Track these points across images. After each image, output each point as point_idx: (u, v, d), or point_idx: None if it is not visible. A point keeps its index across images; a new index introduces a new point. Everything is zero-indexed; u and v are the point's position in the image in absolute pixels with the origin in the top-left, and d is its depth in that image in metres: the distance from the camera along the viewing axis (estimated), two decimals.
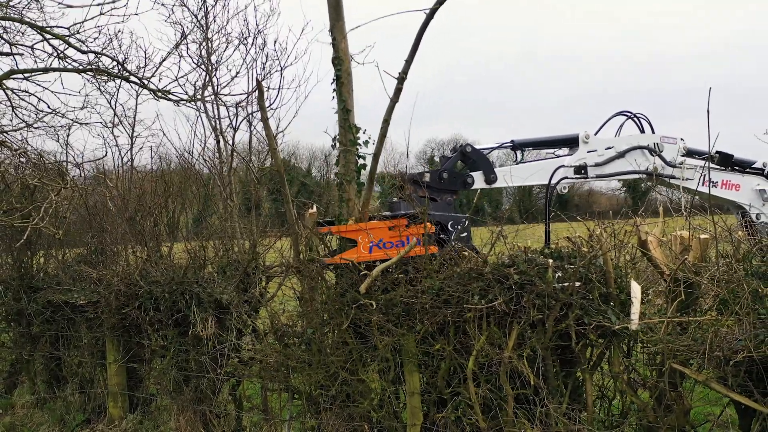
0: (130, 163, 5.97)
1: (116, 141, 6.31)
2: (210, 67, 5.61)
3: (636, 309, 3.46)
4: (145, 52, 7.60)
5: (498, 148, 5.47)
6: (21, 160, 6.07)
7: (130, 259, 5.68)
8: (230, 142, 5.37)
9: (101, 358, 5.74)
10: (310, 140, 50.71)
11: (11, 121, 9.03)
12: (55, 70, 8.51)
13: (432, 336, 3.94)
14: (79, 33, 8.28)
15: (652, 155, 5.48)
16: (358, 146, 4.49)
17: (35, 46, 8.61)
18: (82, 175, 5.90)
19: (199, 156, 5.60)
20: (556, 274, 3.62)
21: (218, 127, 5.38)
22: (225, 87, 5.62)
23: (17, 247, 5.77)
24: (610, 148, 5.41)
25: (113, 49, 7.80)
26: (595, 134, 5.49)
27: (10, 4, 8.55)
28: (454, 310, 3.76)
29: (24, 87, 9.11)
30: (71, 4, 7.49)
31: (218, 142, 5.46)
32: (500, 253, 4.01)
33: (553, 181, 5.13)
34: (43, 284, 5.85)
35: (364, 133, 4.52)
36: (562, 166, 5.21)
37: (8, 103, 9.02)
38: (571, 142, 5.42)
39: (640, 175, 5.48)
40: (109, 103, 6.39)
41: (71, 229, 6.00)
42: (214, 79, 5.57)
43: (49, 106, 8.88)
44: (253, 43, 5.56)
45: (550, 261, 3.66)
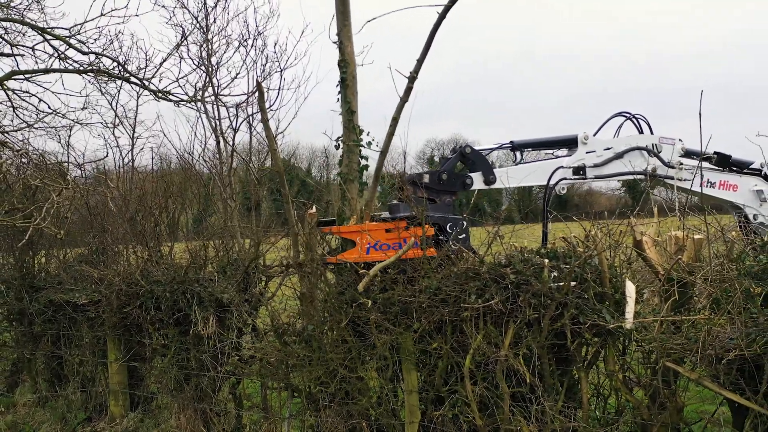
0: (131, 163, 6.02)
1: (117, 142, 6.36)
2: (210, 69, 5.67)
3: (630, 308, 3.51)
4: (146, 54, 7.67)
5: (497, 149, 5.52)
6: (22, 160, 6.11)
7: (131, 259, 5.73)
8: (230, 143, 5.42)
9: (102, 357, 5.79)
10: (309, 140, 50.79)
11: (12, 121, 9.09)
12: (56, 71, 8.56)
13: (429, 335, 3.99)
14: (79, 34, 8.35)
15: (651, 156, 5.53)
16: (361, 147, 4.57)
17: (36, 47, 8.68)
18: (84, 175, 5.93)
19: (200, 157, 5.65)
20: (552, 274, 3.66)
21: (218, 127, 5.43)
22: (225, 88, 5.68)
23: (19, 247, 5.82)
24: (608, 149, 5.46)
25: (114, 50, 7.86)
26: (594, 135, 5.54)
27: (11, 4, 8.61)
28: (452, 309, 3.80)
29: (25, 87, 9.14)
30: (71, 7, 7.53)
31: (218, 143, 5.51)
32: (497, 253, 4.06)
33: (552, 182, 5.18)
34: (45, 284, 5.90)
35: (368, 135, 4.63)
36: (561, 167, 5.26)
37: (9, 104, 9.09)
38: (570, 143, 5.47)
39: (639, 176, 5.53)
40: (110, 104, 6.44)
41: (72, 229, 6.05)
42: (215, 81, 5.62)
43: (50, 107, 8.93)
44: (252, 45, 5.62)
45: (546, 261, 3.70)
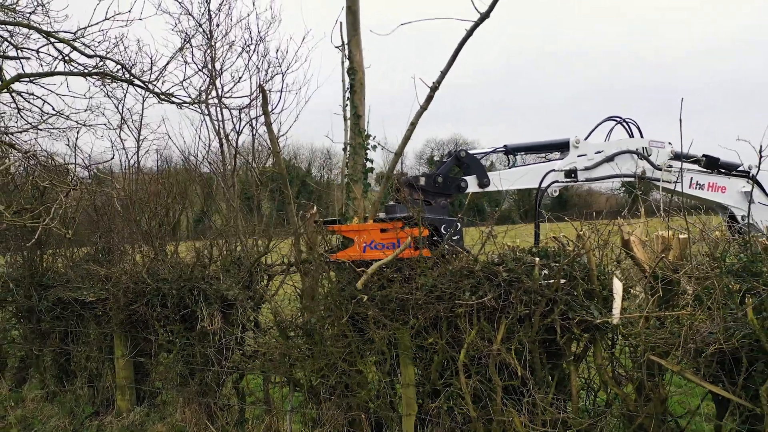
0: (136, 165, 6.18)
1: (123, 144, 6.52)
2: (214, 73, 5.83)
3: (617, 304, 3.67)
4: (151, 59, 7.84)
5: (491, 152, 5.68)
6: (30, 162, 6.28)
7: (137, 258, 5.89)
8: (233, 146, 5.59)
9: (109, 353, 5.96)
10: (309, 140, 50.98)
11: (17, 122, 9.27)
12: (62, 73, 8.73)
13: (425, 330, 4.15)
14: (84, 37, 8.53)
15: (640, 159, 5.68)
16: (367, 150, 4.78)
17: (40, 50, 8.86)
18: (90, 176, 6.09)
19: (204, 159, 5.82)
20: (543, 272, 3.83)
21: (222, 130, 5.60)
22: (228, 92, 5.84)
23: (28, 247, 5.98)
24: (599, 152, 5.60)
25: (119, 53, 8.03)
26: (586, 139, 5.69)
27: (17, 8, 8.78)
28: (447, 306, 3.97)
29: (29, 90, 9.32)
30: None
31: (222, 145, 5.68)
32: (491, 252, 4.23)
33: (544, 185, 5.33)
34: (53, 282, 6.07)
35: (373, 138, 4.85)
36: (553, 170, 5.41)
37: (14, 106, 9.26)
38: (562, 147, 5.61)
39: (629, 178, 5.68)
40: (117, 108, 6.59)
41: (79, 228, 6.21)
42: (218, 84, 5.78)
43: (54, 109, 9.11)
44: (255, 50, 5.78)
45: (537, 259, 3.87)
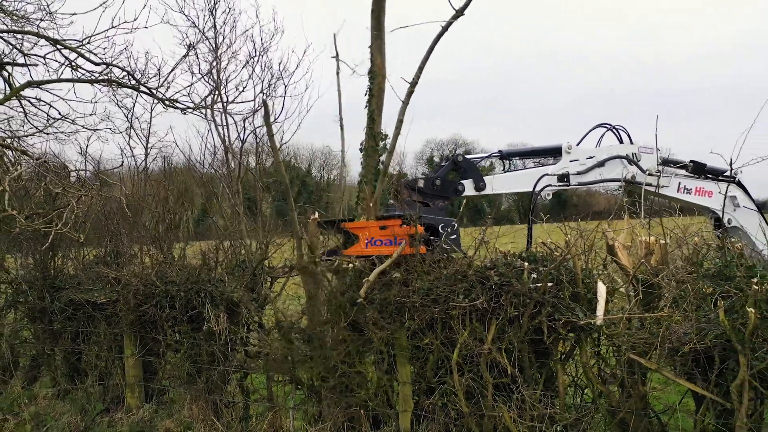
0: (144, 172, 6.41)
1: (132, 152, 6.77)
2: (219, 83, 6.07)
3: (601, 306, 3.91)
4: (159, 69, 8.09)
5: (487, 157, 5.91)
6: (41, 169, 6.51)
7: (145, 261, 6.14)
8: (238, 155, 5.82)
9: (119, 352, 6.21)
10: (309, 141, 51.28)
11: (23, 126, 9.51)
12: (70, 80, 8.96)
13: (422, 331, 4.39)
14: (89, 43, 8.78)
15: (630, 164, 5.92)
16: (380, 154, 4.95)
17: (47, 56, 9.11)
18: (100, 182, 6.33)
19: (209, 166, 6.05)
20: (531, 276, 4.07)
21: (227, 138, 5.83)
22: (232, 102, 6.08)
23: (42, 251, 6.23)
24: (591, 158, 5.83)
25: (125, 60, 8.26)
26: (577, 145, 5.93)
27: (29, 17, 9.03)
28: (441, 308, 4.20)
29: (36, 94, 9.55)
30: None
31: (227, 152, 5.91)
32: (485, 257, 4.47)
33: (537, 189, 5.57)
34: (65, 284, 6.32)
35: (385, 140, 4.99)
36: (546, 174, 5.64)
37: (21, 110, 9.50)
38: (555, 152, 5.85)
39: (618, 182, 5.92)
40: (126, 117, 6.84)
41: (89, 232, 6.46)
42: (223, 95, 6.02)
43: (59, 113, 9.36)
44: (258, 61, 6.02)
45: (526, 264, 4.11)
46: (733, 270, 3.69)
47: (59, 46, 8.80)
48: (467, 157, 5.54)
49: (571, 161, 5.74)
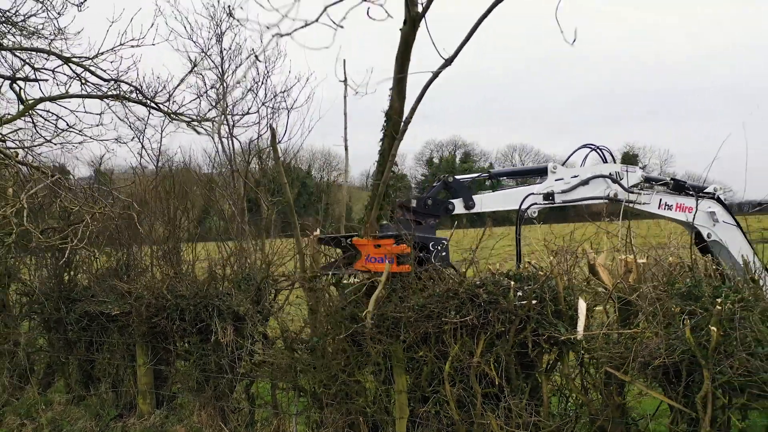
0: (155, 190, 6.74)
1: (143, 170, 7.10)
2: (226, 108, 6.41)
3: (581, 323, 4.24)
4: (165, 84, 8.45)
5: (476, 177, 6.24)
6: (56, 186, 6.84)
7: (156, 274, 6.48)
8: (243, 174, 6.15)
9: (131, 361, 6.54)
10: (310, 142, 51.68)
11: (32, 136, 9.87)
12: (80, 96, 9.32)
13: (416, 344, 4.72)
14: (98, 58, 9.14)
15: (613, 183, 6.25)
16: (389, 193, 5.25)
17: (56, 69, 9.46)
18: (113, 199, 6.67)
19: (217, 187, 6.39)
20: (517, 294, 4.40)
21: (232, 159, 6.16)
22: (237, 125, 6.43)
23: (60, 266, 6.57)
24: (575, 177, 6.17)
25: (133, 70, 8.61)
26: (563, 165, 6.26)
27: (41, 33, 9.38)
28: (435, 323, 4.53)
29: (46, 107, 9.89)
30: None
31: (233, 172, 6.25)
32: (474, 276, 4.82)
33: (524, 207, 5.90)
34: (80, 296, 6.66)
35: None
36: (532, 193, 5.98)
37: (31, 122, 9.85)
38: (541, 172, 6.19)
39: (602, 200, 6.25)
40: (138, 138, 7.19)
41: (103, 245, 6.80)
42: (229, 119, 6.36)
43: (67, 124, 9.72)
44: (262, 85, 6.35)
45: (512, 283, 4.44)
46: (701, 290, 4.03)
47: (71, 64, 9.17)
48: (457, 178, 5.87)
49: (556, 180, 6.05)
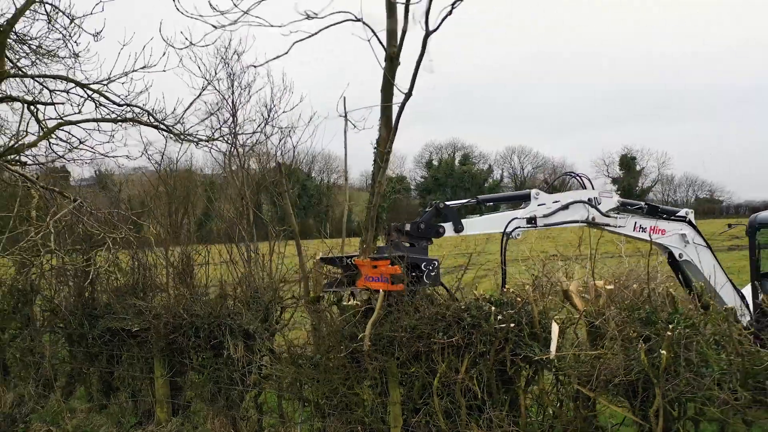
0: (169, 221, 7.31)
1: (159, 196, 7.67)
2: (236, 143, 6.99)
3: (554, 344, 4.80)
4: (174, 108, 9.02)
5: (465, 203, 6.80)
6: (77, 212, 7.41)
7: (170, 293, 7.05)
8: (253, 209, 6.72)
9: (149, 372, 7.12)
10: (309, 145, 52.10)
11: (45, 152, 10.47)
12: (96, 120, 9.91)
13: (409, 361, 5.29)
14: (110, 81, 9.73)
15: (592, 207, 6.81)
16: (381, 209, 5.81)
17: (70, 91, 10.06)
18: (130, 223, 7.24)
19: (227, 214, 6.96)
20: (498, 318, 4.96)
21: (242, 190, 6.71)
22: (246, 155, 6.99)
23: (85, 286, 7.16)
24: (557, 202, 6.73)
25: (144, 100, 9.18)
26: (545, 192, 6.82)
27: (57, 54, 9.98)
28: (425, 343, 5.10)
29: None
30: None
31: (242, 198, 6.81)
32: (461, 299, 5.38)
33: (509, 230, 6.46)
34: (102, 313, 7.24)
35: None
36: (516, 218, 6.54)
37: (46, 141, 10.44)
38: (525, 198, 6.75)
39: (581, 224, 6.81)
40: (156, 167, 7.75)
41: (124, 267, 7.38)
42: (240, 151, 6.93)
43: (79, 140, 10.31)
44: (269, 120, 6.91)
45: (493, 308, 5.00)
46: (657, 316, 4.59)
47: (88, 90, 9.77)
48: (447, 203, 6.43)
49: (539, 205, 6.62)
